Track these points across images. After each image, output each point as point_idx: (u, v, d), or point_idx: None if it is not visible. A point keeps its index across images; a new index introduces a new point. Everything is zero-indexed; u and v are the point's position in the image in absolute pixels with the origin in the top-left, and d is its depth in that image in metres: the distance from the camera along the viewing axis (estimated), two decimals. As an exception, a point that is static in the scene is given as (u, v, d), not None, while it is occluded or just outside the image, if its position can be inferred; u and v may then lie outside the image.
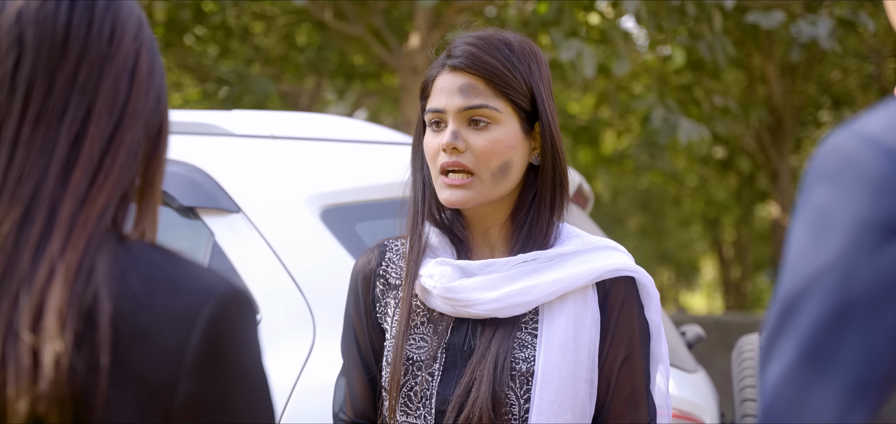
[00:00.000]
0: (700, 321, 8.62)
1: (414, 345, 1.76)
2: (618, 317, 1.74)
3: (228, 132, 2.72)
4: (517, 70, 1.73)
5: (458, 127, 1.72)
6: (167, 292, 0.99)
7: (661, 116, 7.10)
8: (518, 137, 1.73)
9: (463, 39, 1.76)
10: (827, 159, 0.92)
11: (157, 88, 1.09)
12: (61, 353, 0.92)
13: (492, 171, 1.71)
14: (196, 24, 9.04)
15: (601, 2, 8.30)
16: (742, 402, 2.93)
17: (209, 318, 0.98)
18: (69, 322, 0.93)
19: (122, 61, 1.05)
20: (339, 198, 2.54)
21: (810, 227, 0.90)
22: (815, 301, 0.88)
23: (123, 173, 1.03)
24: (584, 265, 1.73)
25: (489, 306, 1.70)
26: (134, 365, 0.95)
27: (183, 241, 2.53)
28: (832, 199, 0.89)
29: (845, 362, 0.86)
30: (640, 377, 1.74)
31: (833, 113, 12.88)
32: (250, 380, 1.02)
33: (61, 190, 0.98)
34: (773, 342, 0.91)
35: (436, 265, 1.75)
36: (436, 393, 1.72)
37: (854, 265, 0.87)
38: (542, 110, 1.75)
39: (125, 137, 1.03)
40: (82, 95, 1.02)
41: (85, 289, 0.95)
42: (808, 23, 6.80)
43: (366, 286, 1.85)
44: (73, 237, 0.97)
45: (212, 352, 0.98)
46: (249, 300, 1.03)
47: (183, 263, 1.02)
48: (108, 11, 1.05)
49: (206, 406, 0.98)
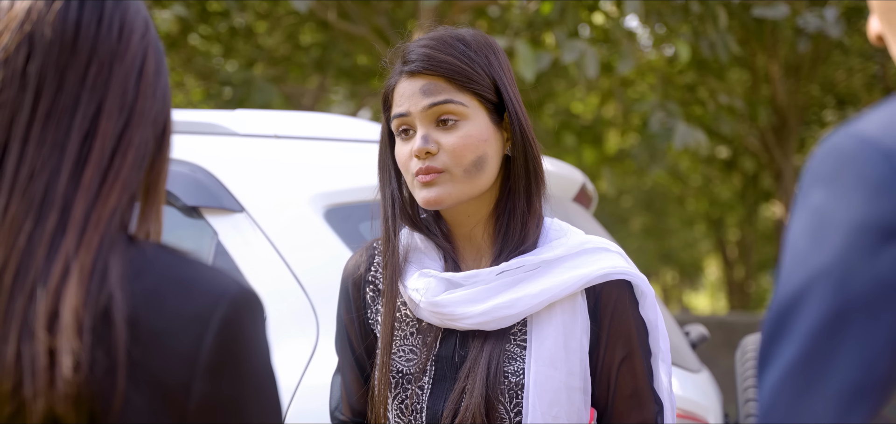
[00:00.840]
0: (704, 321, 8.62)
1: (403, 357, 1.73)
2: (612, 319, 1.70)
3: (232, 132, 2.72)
4: (476, 63, 1.69)
5: (427, 130, 1.68)
6: (180, 293, 0.99)
7: (659, 119, 7.11)
8: (489, 130, 1.69)
9: (417, 43, 1.72)
10: (824, 160, 0.91)
11: (163, 88, 1.09)
12: (79, 352, 0.92)
13: (465, 167, 1.66)
14: (201, 23, 9.05)
15: (605, 1, 8.30)
16: (746, 402, 2.92)
17: (222, 320, 0.98)
18: (86, 322, 0.93)
19: (130, 60, 1.05)
20: (343, 197, 2.54)
21: (808, 229, 0.90)
22: (812, 304, 0.88)
23: (133, 172, 1.03)
24: (571, 271, 1.68)
25: (475, 319, 1.67)
26: (148, 367, 0.96)
27: (187, 240, 2.53)
28: (830, 201, 0.89)
29: (844, 365, 0.86)
30: (641, 375, 1.71)
31: (837, 113, 12.87)
32: (261, 380, 1.03)
33: (74, 188, 0.98)
34: (770, 345, 0.91)
35: (420, 277, 1.72)
36: (426, 407, 1.70)
37: (852, 268, 0.86)
38: (508, 99, 1.70)
39: (134, 136, 1.04)
40: (93, 93, 1.02)
41: (100, 289, 0.95)
42: (815, 15, 6.82)
43: (356, 292, 1.83)
44: (87, 236, 0.97)
45: (225, 354, 0.98)
46: (259, 301, 1.04)
47: (194, 264, 1.03)
48: (116, 10, 1.06)
49: (220, 406, 0.98)
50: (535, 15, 7.66)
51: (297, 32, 9.79)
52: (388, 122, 1.75)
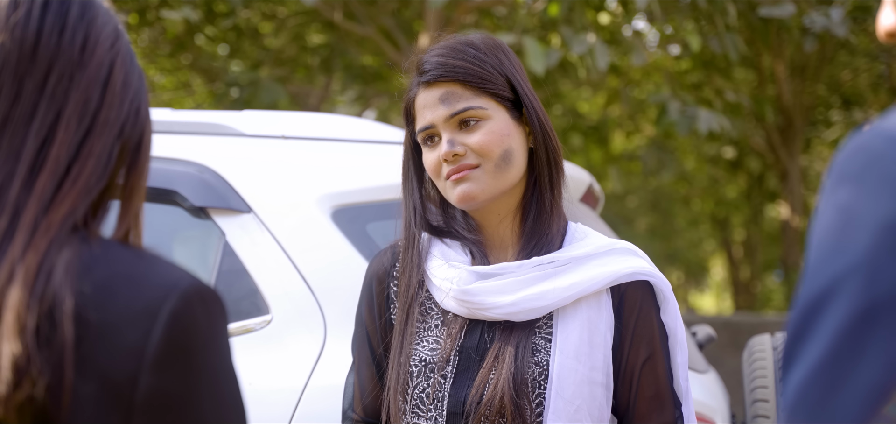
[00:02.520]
0: (709, 322, 8.60)
1: (427, 347, 1.76)
2: (636, 319, 1.74)
3: (239, 133, 2.73)
4: (487, 64, 1.76)
5: (452, 135, 1.74)
6: (130, 287, 0.98)
7: (677, 108, 7.08)
8: (510, 126, 1.75)
9: (430, 53, 1.78)
10: (851, 159, 0.90)
11: (134, 100, 1.09)
12: (19, 354, 0.91)
13: (495, 161, 1.73)
14: (207, 24, 9.06)
15: (611, 1, 8.29)
16: (753, 403, 2.92)
17: (171, 312, 0.97)
18: (28, 323, 0.92)
19: (94, 70, 1.05)
20: (350, 198, 2.54)
21: (834, 227, 0.89)
22: (840, 303, 0.87)
23: (92, 180, 1.02)
24: (600, 268, 1.72)
25: (504, 310, 1.71)
26: (97, 362, 0.95)
27: (194, 241, 2.53)
28: (856, 200, 0.88)
29: (871, 364, 0.85)
30: (663, 376, 1.74)
31: (843, 113, 12.85)
32: (216, 377, 1.01)
33: (26, 194, 0.98)
34: (796, 344, 0.90)
35: (450, 268, 1.76)
36: (448, 395, 1.72)
37: (880, 267, 0.86)
38: (523, 93, 1.77)
39: (95, 146, 1.03)
40: (51, 102, 1.02)
41: (45, 289, 0.94)
42: (821, 14, 6.81)
43: (380, 288, 1.86)
44: (35, 241, 0.96)
45: (173, 347, 0.97)
46: (216, 296, 1.02)
47: (148, 258, 1.02)
48: (81, 20, 1.05)
49: (169, 402, 0.97)
50: (541, 15, 7.65)
51: (303, 33, 9.79)
52: (412, 135, 1.82)
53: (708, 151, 13.29)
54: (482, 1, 8.02)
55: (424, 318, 1.79)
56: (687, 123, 6.99)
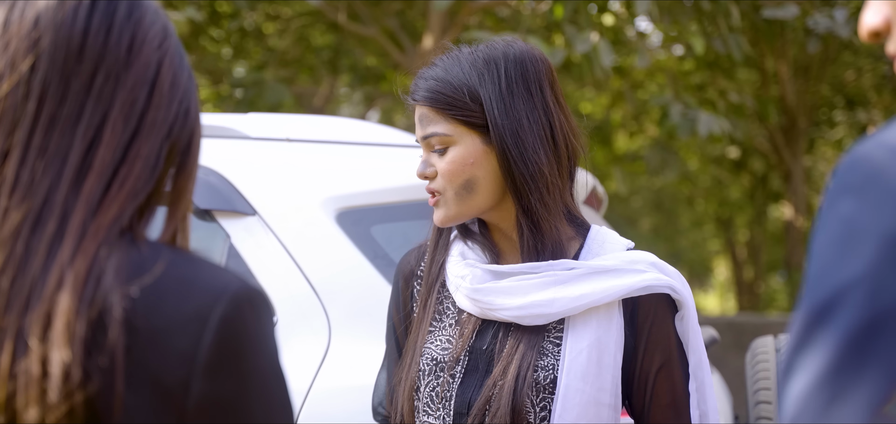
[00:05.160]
0: (713, 322, 8.60)
1: (439, 346, 1.77)
2: (651, 327, 1.72)
3: (244, 135, 2.73)
4: (462, 88, 1.71)
5: (427, 155, 1.76)
6: (179, 292, 0.97)
7: (679, 111, 7.08)
8: (477, 153, 1.71)
9: (423, 70, 1.78)
10: (853, 170, 0.90)
11: (183, 100, 1.07)
12: (69, 362, 0.91)
13: (455, 189, 1.73)
14: (211, 25, 9.07)
15: (614, 2, 8.29)
16: (756, 404, 2.92)
17: (221, 317, 0.97)
18: (78, 330, 0.92)
19: (141, 71, 1.03)
20: (355, 201, 2.54)
21: (837, 239, 0.88)
22: (843, 315, 0.86)
23: (140, 183, 1.02)
24: (614, 280, 1.69)
25: (512, 312, 1.71)
26: (148, 366, 0.94)
27: (199, 243, 2.54)
28: (859, 211, 0.87)
29: (873, 376, 0.85)
30: (679, 384, 1.72)
31: (847, 113, 12.84)
32: (265, 380, 1.01)
33: (74, 196, 0.97)
34: (797, 355, 0.89)
35: (466, 266, 1.77)
36: (455, 395, 1.73)
37: (883, 280, 0.85)
38: (492, 119, 1.70)
39: (142, 148, 1.02)
40: (98, 102, 1.01)
41: (94, 295, 0.93)
42: (824, 15, 6.81)
43: (405, 286, 1.89)
44: (84, 245, 0.95)
45: (224, 352, 0.97)
46: (264, 299, 1.02)
47: (197, 262, 1.01)
48: (129, 20, 1.04)
49: (220, 406, 0.97)
50: (545, 15, 7.66)
51: (307, 34, 9.80)
52: None
53: (711, 151, 13.28)
54: (486, 2, 8.02)
55: (440, 317, 1.81)
56: (688, 126, 7.00)
